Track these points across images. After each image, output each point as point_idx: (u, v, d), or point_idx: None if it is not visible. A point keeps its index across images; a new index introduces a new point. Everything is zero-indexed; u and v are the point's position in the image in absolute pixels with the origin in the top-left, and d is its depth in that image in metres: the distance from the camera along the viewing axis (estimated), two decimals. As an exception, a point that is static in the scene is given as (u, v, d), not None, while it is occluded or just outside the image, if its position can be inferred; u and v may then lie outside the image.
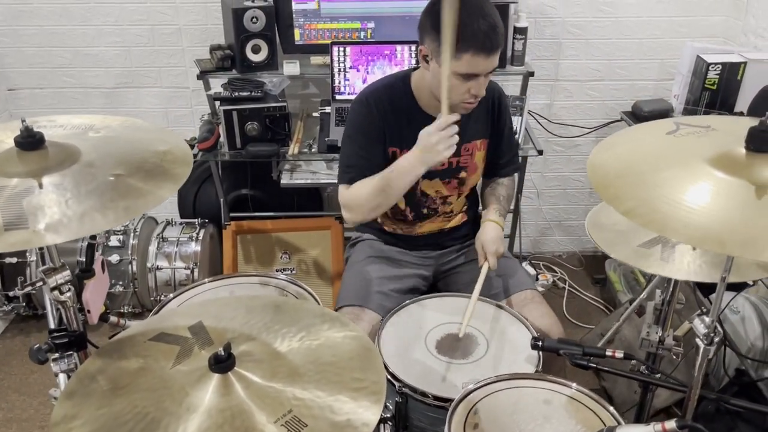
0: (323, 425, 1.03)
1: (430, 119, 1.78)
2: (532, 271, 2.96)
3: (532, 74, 2.55)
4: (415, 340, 1.65)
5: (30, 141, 1.06)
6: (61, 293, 1.23)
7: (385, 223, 1.98)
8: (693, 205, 0.94)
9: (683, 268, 1.43)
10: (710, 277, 1.46)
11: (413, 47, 2.45)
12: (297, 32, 2.52)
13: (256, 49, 2.46)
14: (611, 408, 1.36)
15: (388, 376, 1.53)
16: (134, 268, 2.67)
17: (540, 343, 1.55)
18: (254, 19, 2.40)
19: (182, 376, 1.11)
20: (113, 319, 1.52)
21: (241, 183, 2.86)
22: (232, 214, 2.86)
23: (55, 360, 1.36)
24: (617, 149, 1.15)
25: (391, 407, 1.54)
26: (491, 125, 1.89)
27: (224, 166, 2.77)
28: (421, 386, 1.49)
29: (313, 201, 2.95)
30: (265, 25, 2.42)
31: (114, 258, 2.66)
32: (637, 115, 2.59)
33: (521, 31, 2.49)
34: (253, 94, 2.36)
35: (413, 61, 2.48)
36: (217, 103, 2.36)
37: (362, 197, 1.76)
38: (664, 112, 2.51)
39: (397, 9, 2.49)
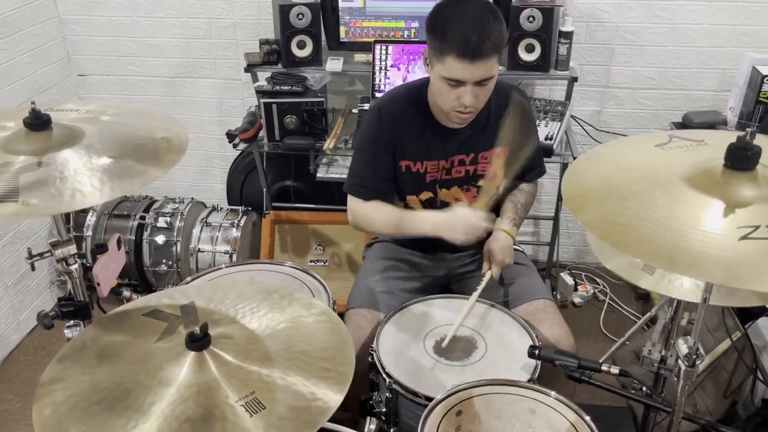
0: (281, 408, 1.07)
1: (445, 129, 1.79)
2: (570, 281, 2.89)
3: (575, 79, 2.49)
4: (413, 339, 1.66)
5: (37, 122, 1.15)
6: (68, 264, 1.32)
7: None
8: (652, 221, 0.91)
9: (687, 289, 1.38)
10: (717, 299, 1.40)
11: (455, 48, 2.45)
12: (342, 29, 2.57)
13: (301, 45, 2.52)
14: (591, 423, 1.33)
15: (382, 372, 1.56)
16: (178, 249, 2.80)
17: (537, 352, 1.53)
18: (300, 16, 2.47)
19: (162, 352, 1.17)
20: (126, 293, 1.61)
21: (284, 174, 2.95)
22: (275, 204, 2.95)
23: (68, 327, 1.47)
24: (601, 159, 1.13)
25: (382, 402, 1.57)
26: (511, 132, 1.86)
27: (269, 158, 2.86)
28: (412, 384, 1.51)
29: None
30: (311, 22, 2.49)
31: (160, 239, 2.80)
32: (687, 127, 2.48)
33: (566, 36, 2.44)
34: (293, 88, 2.42)
35: (454, 62, 2.47)
36: (260, 95, 2.43)
37: (373, 222, 1.83)
38: (715, 125, 2.39)
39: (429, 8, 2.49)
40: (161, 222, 2.82)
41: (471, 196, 1.89)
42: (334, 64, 2.57)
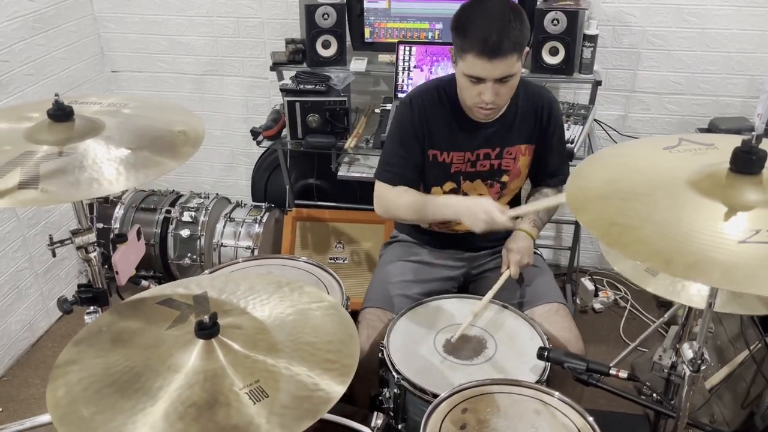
0: (284, 397, 1.09)
1: (471, 122, 1.82)
2: (590, 286, 2.87)
3: (599, 83, 2.48)
4: (424, 336, 1.67)
5: (60, 113, 1.19)
6: (87, 252, 1.36)
7: (424, 221, 2.02)
8: (652, 223, 0.91)
9: (698, 295, 1.37)
10: (728, 306, 1.39)
11: (478, 50, 2.45)
12: (367, 30, 2.59)
13: (326, 45, 2.56)
14: (594, 425, 1.33)
15: (390, 368, 1.57)
16: (202, 243, 2.86)
17: (546, 353, 1.54)
18: (325, 16, 2.50)
19: (173, 339, 1.21)
20: (144, 283, 1.66)
21: (308, 173, 2.98)
22: (298, 202, 2.99)
23: (88, 313, 1.52)
24: (608, 160, 1.13)
25: (390, 398, 1.59)
26: (538, 132, 1.87)
27: (293, 156, 2.90)
28: (419, 381, 1.52)
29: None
30: (336, 22, 2.52)
31: (185, 232, 2.86)
32: (713, 133, 2.45)
33: (591, 39, 2.43)
34: (317, 87, 2.45)
35: (477, 64, 2.47)
36: (283, 93, 2.47)
37: (398, 206, 1.86)
38: (742, 131, 2.35)
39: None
40: (186, 216, 2.88)
41: (494, 192, 1.90)
42: (358, 64, 2.60)
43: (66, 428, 1.05)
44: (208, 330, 1.18)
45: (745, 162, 0.93)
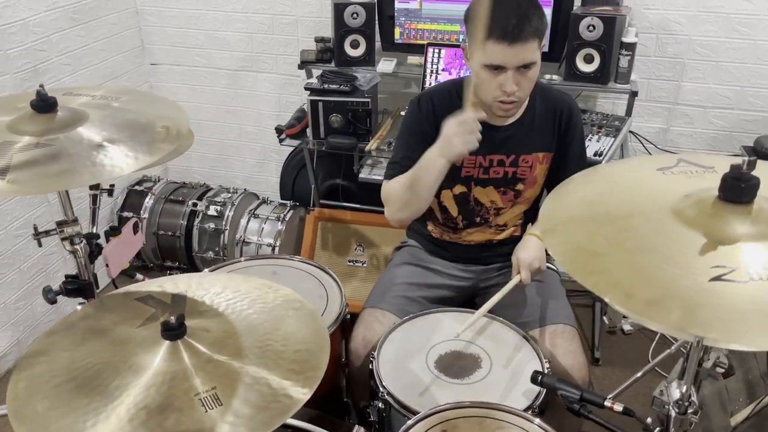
0: (239, 405, 1.06)
1: (483, 125, 1.73)
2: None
3: (636, 94, 2.35)
4: (418, 350, 1.61)
5: (42, 104, 1.19)
6: (72, 244, 1.36)
7: (434, 230, 1.95)
8: (621, 251, 0.83)
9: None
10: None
11: (509, 54, 2.37)
12: (397, 31, 2.54)
13: (354, 44, 2.52)
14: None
15: (377, 381, 1.52)
16: (226, 238, 2.87)
17: (540, 378, 1.45)
18: (354, 15, 2.46)
19: (140, 337, 1.19)
20: (139, 276, 1.66)
21: (334, 173, 2.95)
22: (323, 201, 2.97)
23: (80, 304, 1.53)
24: (596, 178, 1.05)
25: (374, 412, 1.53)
26: (557, 139, 1.78)
27: (321, 155, 2.88)
28: (404, 397, 1.46)
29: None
30: (365, 22, 2.48)
31: (210, 226, 2.88)
32: (758, 152, 2.29)
33: (629, 47, 2.30)
34: (341, 87, 2.42)
35: (508, 69, 2.39)
36: (308, 92, 2.45)
37: (395, 192, 1.77)
38: (789, 152, 2.19)
39: (495, 14, 2.42)
40: (212, 210, 2.90)
41: (507, 199, 1.82)
42: (385, 65, 2.55)
43: (18, 422, 1.04)
44: (173, 331, 1.15)
45: (733, 189, 0.84)
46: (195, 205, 2.92)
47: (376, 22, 2.52)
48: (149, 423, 1.02)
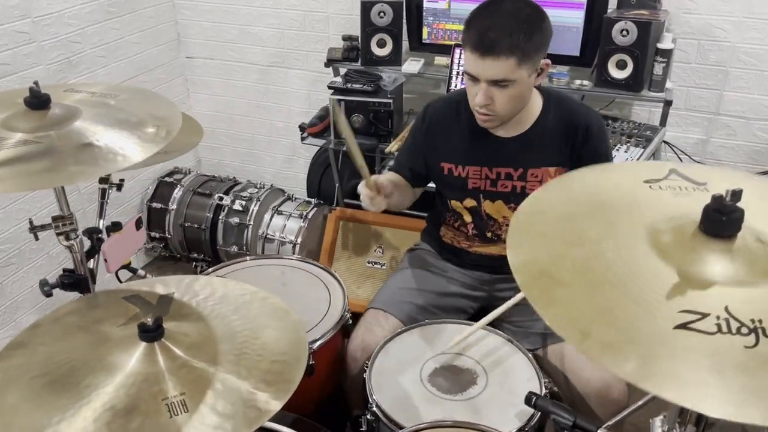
0: (205, 413, 1.04)
1: (490, 137, 1.71)
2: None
3: (670, 103, 2.23)
4: (413, 361, 1.58)
5: (35, 101, 1.20)
6: (67, 239, 1.38)
7: (446, 234, 1.91)
8: (586, 281, 0.77)
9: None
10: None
11: (538, 58, 2.29)
12: (425, 30, 2.49)
13: (381, 44, 2.48)
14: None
15: (368, 392, 1.49)
16: (249, 233, 2.88)
17: (534, 399, 1.39)
18: (381, 14, 2.43)
19: (119, 337, 1.19)
20: (141, 272, 1.67)
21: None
22: (347, 201, 2.94)
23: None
24: (575, 186, 0.98)
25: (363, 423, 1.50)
26: (572, 154, 1.70)
27: (345, 154, 2.85)
28: (392, 411, 1.43)
29: (425, 202, 2.91)
30: (392, 21, 2.44)
31: (234, 220, 2.90)
32: (801, 169, 2.15)
33: (664, 54, 2.19)
34: (364, 87, 2.39)
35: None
36: (331, 91, 2.43)
37: None
38: (834, 171, 2.04)
39: (523, 16, 2.34)
40: (237, 205, 2.92)
41: None
42: (412, 65, 2.50)
43: (-13, 417, 1.05)
44: (150, 333, 1.15)
45: (713, 222, 0.77)
46: (221, 199, 2.94)
47: (404, 21, 2.47)
48: (112, 425, 1.02)
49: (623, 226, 0.84)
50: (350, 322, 1.77)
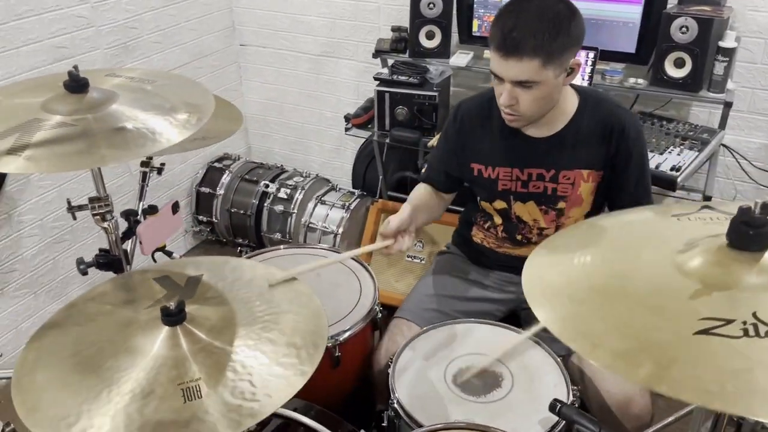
0: (212, 402, 1.05)
1: (521, 137, 1.67)
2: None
3: (730, 105, 2.12)
4: (438, 361, 1.55)
5: (74, 85, 1.23)
6: (103, 220, 1.41)
7: (477, 234, 1.87)
8: (598, 297, 0.73)
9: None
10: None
11: (591, 54, 2.22)
12: (475, 23, 2.44)
13: (430, 35, 2.45)
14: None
15: (390, 387, 1.48)
16: (292, 221, 2.91)
17: (559, 407, 1.35)
18: (431, 5, 2.39)
19: (144, 320, 1.21)
20: (175, 255, 1.70)
21: (405, 165, 2.91)
22: (391, 194, 2.94)
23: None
24: (602, 222, 0.94)
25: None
26: (607, 158, 1.64)
27: (392, 146, 2.83)
28: (412, 408, 1.41)
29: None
30: (442, 12, 2.40)
31: (278, 208, 2.93)
32: None
33: (726, 53, 2.08)
34: (410, 79, 2.37)
35: (587, 69, 2.24)
36: (376, 82, 2.42)
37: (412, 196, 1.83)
38: None
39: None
40: (282, 193, 2.95)
41: (549, 219, 1.71)
42: (460, 58, 2.46)
43: (17, 389, 1.09)
44: (172, 317, 1.17)
45: (740, 235, 0.72)
46: (267, 186, 2.98)
47: (454, 13, 2.43)
48: (129, 408, 1.04)
49: (648, 251, 0.81)
50: (380, 315, 1.76)
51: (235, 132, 1.73)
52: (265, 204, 2.97)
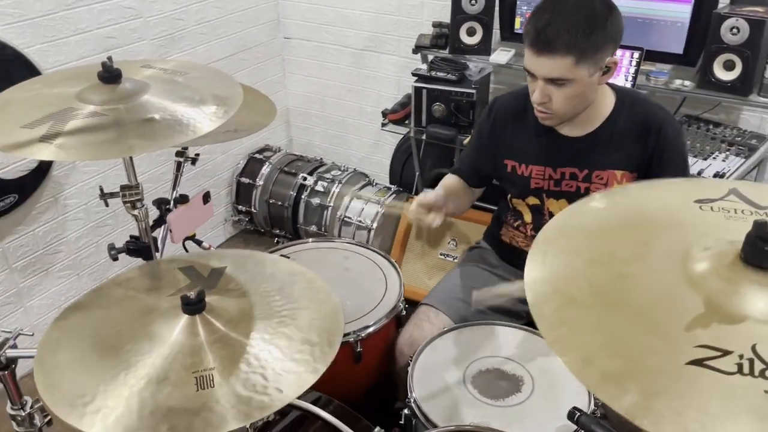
0: (224, 393, 1.06)
1: (554, 135, 1.65)
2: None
3: (779, 110, 2.03)
4: (459, 361, 1.54)
5: (107, 75, 1.27)
6: (133, 207, 1.45)
7: (505, 233, 1.85)
8: (599, 304, 0.71)
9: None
10: None
11: (635, 54, 2.15)
12: (518, 20, 2.40)
13: (470, 32, 2.42)
14: None
15: (408, 386, 1.48)
16: (328, 214, 2.93)
17: (577, 415, 1.32)
18: (473, 2, 2.36)
19: (165, 307, 1.24)
20: (205, 244, 1.73)
21: (442, 162, 2.88)
22: (428, 190, 2.91)
23: (149, 263, 1.63)
24: (619, 199, 0.91)
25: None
26: (643, 159, 1.59)
27: (429, 143, 2.82)
28: (428, 408, 1.41)
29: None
30: (484, 9, 2.37)
31: (315, 201, 2.95)
32: None
33: (778, 55, 1.99)
34: (448, 76, 2.35)
35: (632, 70, 2.17)
36: (414, 78, 2.40)
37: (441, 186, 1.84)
38: None
39: (622, 8, 2.17)
40: (319, 186, 2.97)
41: None
42: (501, 55, 2.42)
43: (39, 367, 1.13)
44: (191, 306, 1.19)
45: (755, 251, 0.68)
46: (305, 179, 3.01)
47: (496, 9, 2.40)
48: (143, 392, 1.06)
49: (658, 247, 0.77)
50: (404, 313, 1.76)
51: (267, 125, 1.75)
52: (303, 196, 3.00)
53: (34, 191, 2.32)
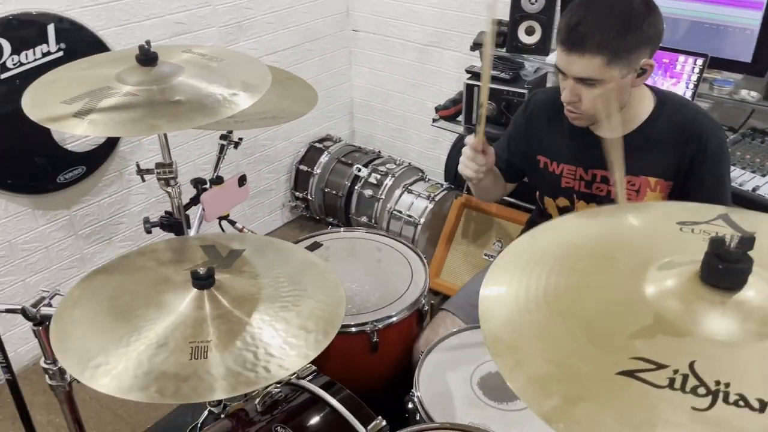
0: (215, 364, 1.11)
1: (587, 135, 1.60)
2: None
3: None
4: (467, 362, 1.54)
5: (144, 58, 1.34)
6: (167, 185, 1.53)
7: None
8: (547, 309, 0.70)
9: None
10: None
11: (699, 61, 2.05)
12: (579, 21, 2.33)
13: (529, 31, 2.38)
14: None
15: (414, 381, 1.49)
16: (379, 207, 2.96)
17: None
18: (533, 0, 2.32)
19: (179, 279, 1.30)
20: (239, 225, 1.80)
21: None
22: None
23: (184, 239, 1.72)
24: (596, 219, 0.89)
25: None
26: (680, 168, 1.52)
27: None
28: (429, 405, 1.41)
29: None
30: (543, 8, 2.32)
31: (368, 192, 2.99)
32: None
33: None
34: (501, 74, 2.32)
35: (693, 77, 2.08)
36: (468, 75, 2.39)
37: None
38: None
39: (686, 12, 2.09)
40: (373, 178, 3.00)
41: None
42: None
43: (56, 320, 1.22)
44: (200, 281, 1.25)
45: (710, 269, 0.65)
46: (359, 170, 3.05)
47: (557, 9, 2.34)
48: (141, 354, 1.13)
49: (622, 263, 0.75)
50: (426, 308, 1.77)
51: (306, 113, 1.78)
52: (356, 187, 3.04)
53: (101, 164, 2.47)
